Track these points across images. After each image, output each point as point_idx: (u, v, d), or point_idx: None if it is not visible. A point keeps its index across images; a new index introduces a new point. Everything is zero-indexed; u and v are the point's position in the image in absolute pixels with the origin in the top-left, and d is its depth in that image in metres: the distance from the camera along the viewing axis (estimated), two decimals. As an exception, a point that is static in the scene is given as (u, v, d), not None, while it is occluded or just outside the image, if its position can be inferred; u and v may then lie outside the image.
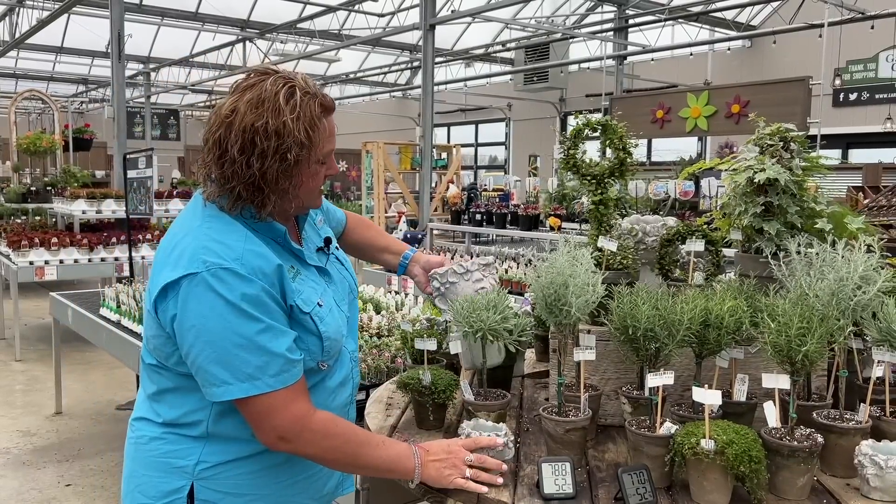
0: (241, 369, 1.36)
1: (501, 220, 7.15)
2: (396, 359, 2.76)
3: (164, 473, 1.48)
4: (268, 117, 1.36)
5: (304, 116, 1.40)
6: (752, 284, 1.77)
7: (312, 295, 1.49)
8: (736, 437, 1.40)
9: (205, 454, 1.47)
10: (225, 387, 1.37)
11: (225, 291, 1.35)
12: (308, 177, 1.45)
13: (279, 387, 1.38)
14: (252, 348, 1.36)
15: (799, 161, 1.83)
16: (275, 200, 1.42)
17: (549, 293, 1.61)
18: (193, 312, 1.36)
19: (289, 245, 1.50)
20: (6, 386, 6.04)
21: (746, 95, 7.66)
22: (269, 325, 1.38)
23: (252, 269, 1.38)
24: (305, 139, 1.39)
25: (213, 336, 1.35)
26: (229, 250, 1.38)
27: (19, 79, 18.40)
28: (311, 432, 1.42)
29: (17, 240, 6.79)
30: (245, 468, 1.48)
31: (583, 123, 1.92)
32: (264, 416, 1.39)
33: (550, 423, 1.61)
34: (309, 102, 1.41)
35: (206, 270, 1.35)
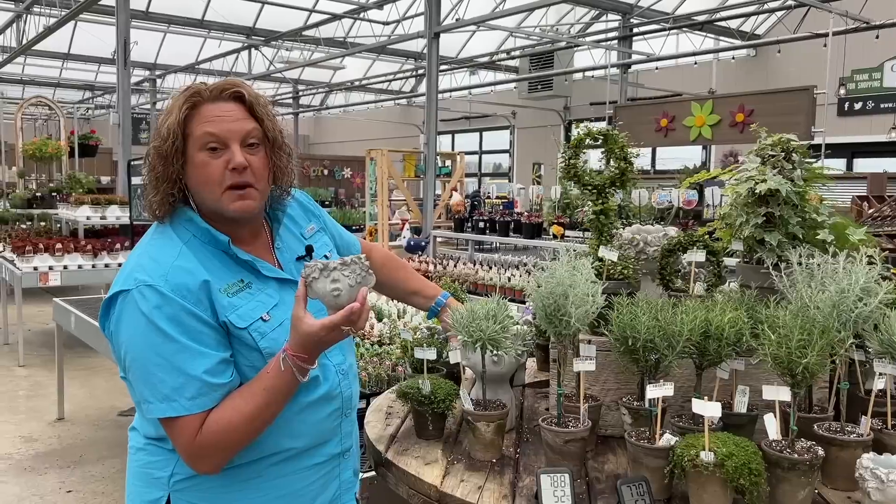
0: (159, 389, 1.35)
1: (504, 227, 7.14)
2: (397, 367, 2.75)
3: (145, 483, 1.49)
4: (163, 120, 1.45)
5: (175, 103, 1.44)
6: (753, 295, 1.76)
7: (257, 309, 1.43)
8: (736, 450, 1.39)
9: (178, 466, 1.46)
10: (147, 405, 1.37)
11: (146, 309, 1.34)
12: (195, 167, 1.42)
13: (196, 410, 1.35)
14: (169, 369, 1.34)
15: (801, 172, 1.83)
16: (170, 180, 1.42)
17: (548, 303, 1.61)
18: (123, 329, 1.38)
19: (237, 256, 1.45)
20: (9, 391, 6.04)
21: (751, 104, 7.66)
22: (187, 345, 1.35)
23: (174, 287, 1.36)
24: (173, 122, 1.41)
25: (136, 354, 1.36)
26: (158, 267, 1.38)
27: (26, 85, 18.53)
28: (204, 448, 1.37)
29: (21, 245, 6.81)
30: (216, 482, 1.45)
31: (584, 133, 1.92)
32: (175, 438, 1.38)
33: (550, 434, 1.60)
34: (180, 95, 1.45)
35: (136, 288, 1.36)
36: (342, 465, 1.63)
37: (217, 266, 1.43)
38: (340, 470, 1.62)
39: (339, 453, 1.60)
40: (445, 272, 5.51)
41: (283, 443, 1.48)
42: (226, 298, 1.40)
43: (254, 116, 1.46)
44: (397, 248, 9.36)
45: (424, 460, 1.73)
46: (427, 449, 1.81)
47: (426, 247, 8.31)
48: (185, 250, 1.42)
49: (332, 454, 1.58)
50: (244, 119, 1.45)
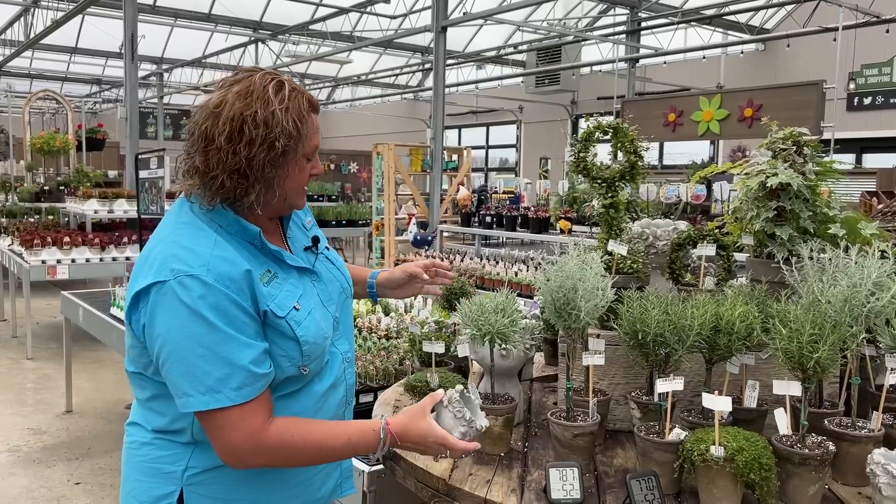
0: (202, 381, 1.32)
1: (511, 222, 7.13)
2: (405, 361, 2.75)
3: (154, 479, 1.46)
4: (256, 107, 1.35)
5: (293, 108, 1.39)
6: (764, 290, 1.75)
7: (288, 299, 1.44)
8: (746, 444, 1.39)
9: (192, 460, 1.44)
10: (186, 398, 1.34)
11: (189, 300, 1.31)
12: (295, 170, 1.43)
13: (240, 401, 1.33)
14: (214, 359, 1.32)
15: (812, 166, 1.81)
16: (259, 189, 1.39)
17: (558, 297, 1.60)
18: (160, 321, 1.34)
19: (265, 246, 1.45)
20: (18, 384, 6.08)
21: (759, 99, 7.61)
22: (233, 336, 1.33)
23: (218, 276, 1.34)
24: (294, 130, 1.38)
25: (176, 346, 1.33)
26: (196, 257, 1.35)
27: (34, 79, 18.55)
28: (265, 449, 1.37)
29: (29, 239, 6.83)
30: (233, 474, 1.45)
31: (594, 126, 1.91)
32: (218, 430, 1.35)
33: (559, 428, 1.60)
34: (297, 97, 1.41)
35: (174, 279, 1.32)
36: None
37: (248, 256, 1.41)
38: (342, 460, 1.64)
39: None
40: (452, 267, 5.51)
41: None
42: (264, 288, 1.39)
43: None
44: (404, 243, 9.36)
45: (432, 454, 1.73)
46: (435, 442, 1.80)
47: (433, 241, 8.30)
48: (219, 240, 1.39)
49: None
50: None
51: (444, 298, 2.35)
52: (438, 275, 1.87)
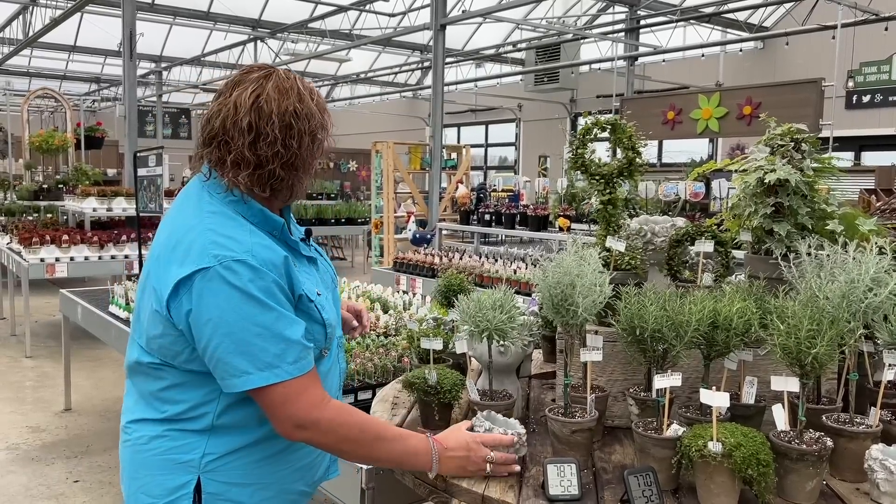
0: (260, 358, 1.37)
1: (510, 220, 7.13)
2: (403, 358, 2.75)
3: (168, 471, 1.47)
4: (295, 102, 1.45)
5: (320, 104, 1.51)
6: (762, 286, 1.75)
7: (312, 285, 1.52)
8: (744, 440, 1.39)
9: (210, 446, 1.47)
10: (245, 377, 1.38)
11: (239, 283, 1.36)
12: (307, 168, 1.51)
13: (297, 374, 1.40)
14: (269, 337, 1.38)
15: (810, 162, 1.81)
16: (307, 177, 1.50)
17: (555, 293, 1.60)
18: (210, 306, 1.37)
19: (286, 237, 1.52)
20: (17, 382, 6.07)
21: (758, 97, 7.61)
22: (284, 314, 1.41)
23: (263, 261, 1.40)
24: (325, 123, 1.50)
25: (230, 327, 1.37)
26: (238, 244, 1.40)
27: (32, 77, 18.54)
28: (327, 420, 1.43)
29: (28, 237, 6.83)
30: (250, 457, 1.49)
31: (592, 123, 1.91)
32: (281, 405, 1.40)
33: (556, 424, 1.60)
34: (319, 94, 1.53)
35: (219, 264, 1.37)
36: None
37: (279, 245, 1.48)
38: None
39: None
40: (451, 264, 5.51)
41: None
42: (296, 274, 1.47)
43: None
44: (403, 241, 9.36)
45: (430, 450, 1.73)
46: (433, 439, 1.80)
47: (432, 239, 8.30)
48: (254, 230, 1.45)
49: None
50: None
51: (442, 295, 2.35)
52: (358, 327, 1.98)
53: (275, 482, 1.53)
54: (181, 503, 1.46)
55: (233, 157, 1.44)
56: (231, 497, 1.48)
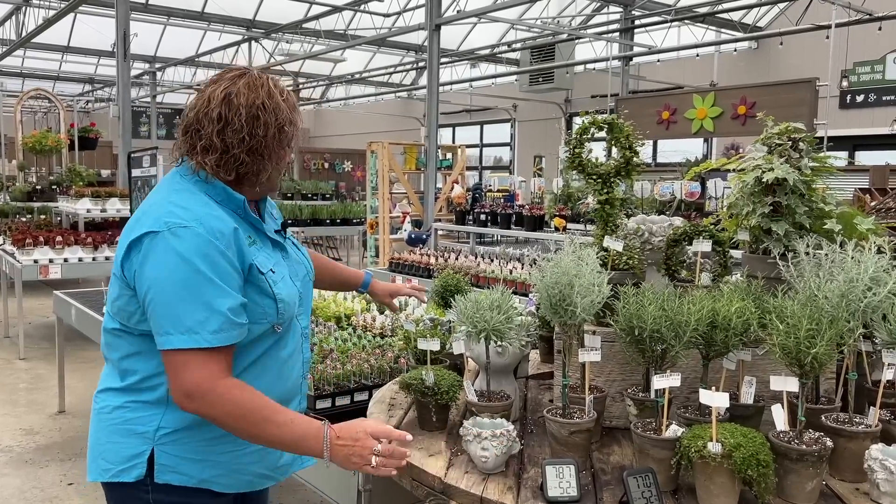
0: (182, 321, 1.44)
1: (506, 220, 7.12)
2: (399, 359, 2.73)
3: (126, 439, 1.57)
4: (263, 97, 1.57)
5: (290, 101, 1.63)
6: (760, 285, 1.74)
7: (266, 262, 1.60)
8: (744, 441, 1.38)
9: (164, 420, 1.55)
10: (166, 336, 1.45)
11: (181, 248, 1.46)
12: (284, 154, 1.64)
13: (215, 344, 1.46)
14: (196, 302, 1.45)
15: (808, 161, 1.81)
16: (270, 168, 1.60)
17: (553, 293, 1.59)
18: (151, 266, 1.47)
19: (248, 215, 1.61)
20: (10, 384, 6.04)
21: (753, 97, 7.61)
22: (217, 283, 1.47)
23: (209, 230, 1.49)
24: (293, 118, 1.62)
25: (163, 288, 1.46)
26: (189, 213, 1.50)
27: (25, 78, 18.43)
28: (216, 395, 1.46)
29: (21, 238, 6.79)
30: (202, 435, 1.56)
31: (589, 122, 1.90)
32: (180, 369, 1.45)
33: (555, 425, 1.59)
34: (290, 93, 1.66)
35: (167, 229, 1.47)
36: None
37: (237, 220, 1.57)
38: None
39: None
40: (447, 265, 5.50)
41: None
42: (248, 248, 1.56)
43: None
44: (398, 241, 9.34)
45: (428, 452, 1.72)
46: (430, 440, 1.79)
47: (427, 239, 8.28)
48: (210, 202, 1.55)
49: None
50: None
51: (438, 295, 2.34)
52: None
53: (226, 461, 1.60)
54: (135, 471, 1.55)
55: (202, 144, 1.55)
56: (182, 470, 1.56)
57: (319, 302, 3.67)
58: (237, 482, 1.64)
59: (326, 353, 2.75)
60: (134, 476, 1.56)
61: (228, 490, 1.63)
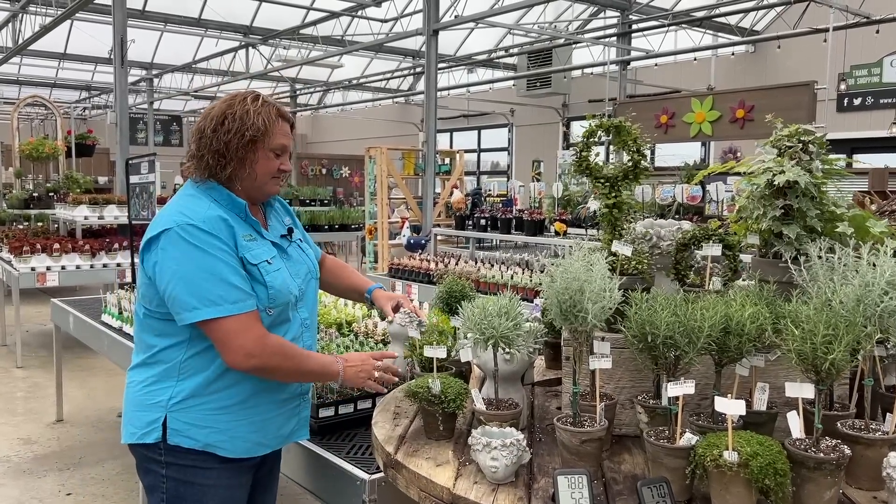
0: (205, 297, 1.76)
1: (506, 225, 7.10)
2: (403, 366, 2.70)
3: (146, 408, 1.88)
4: (236, 108, 1.87)
5: (263, 112, 1.88)
6: (773, 290, 1.71)
7: (263, 254, 1.89)
8: (760, 449, 1.35)
9: (175, 391, 1.85)
10: (195, 311, 1.76)
11: (192, 239, 1.78)
12: (263, 159, 1.90)
13: (237, 312, 1.78)
14: (215, 280, 1.77)
15: (818, 163, 1.78)
16: (233, 166, 1.86)
17: (563, 299, 1.56)
18: (169, 256, 1.79)
19: (249, 218, 1.92)
20: (7, 393, 5.99)
21: (751, 100, 7.61)
22: (226, 261, 1.79)
23: (212, 226, 1.81)
24: (262, 126, 1.86)
25: (184, 272, 1.77)
26: (195, 213, 1.82)
27: (22, 85, 18.42)
28: (270, 348, 1.81)
29: (19, 246, 6.75)
30: (207, 405, 1.85)
31: (595, 125, 1.87)
32: (231, 337, 1.77)
33: (566, 434, 1.55)
34: (268, 106, 1.90)
35: (177, 226, 1.79)
36: (301, 405, 2.08)
37: (235, 219, 1.88)
38: (301, 409, 2.08)
39: (300, 394, 2.06)
40: (447, 270, 5.46)
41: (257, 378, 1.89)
42: (243, 241, 1.86)
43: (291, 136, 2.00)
44: (397, 247, 9.30)
45: (436, 461, 1.68)
46: (438, 450, 1.76)
47: (426, 245, 8.25)
48: (213, 205, 1.87)
49: (294, 394, 2.03)
50: (291, 138, 2.00)
51: (443, 301, 2.31)
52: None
53: (228, 429, 1.88)
54: (153, 434, 1.86)
55: (189, 153, 1.93)
56: (189, 434, 1.85)
57: (320, 308, 3.63)
58: (237, 447, 1.90)
59: (329, 360, 2.72)
60: (152, 438, 1.86)
61: (230, 454, 1.89)
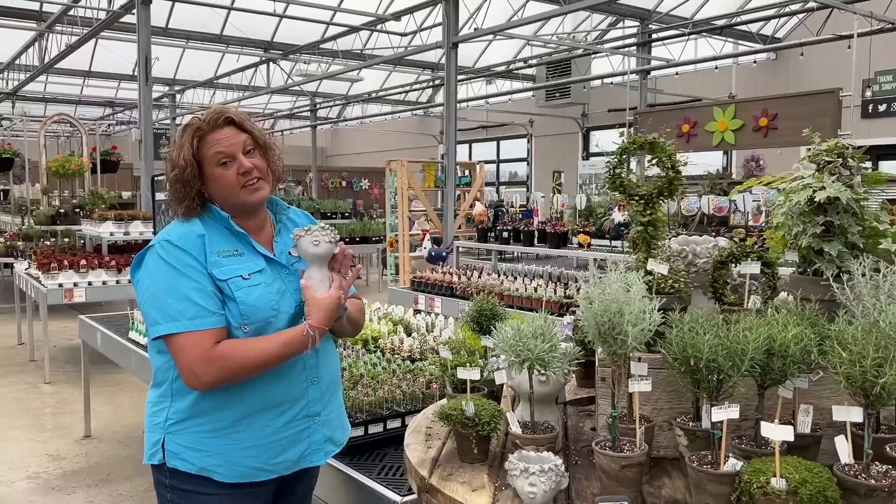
0: (166, 312, 1.77)
1: (529, 237, 7.06)
2: (432, 384, 2.68)
3: (151, 429, 1.90)
4: (171, 152, 1.91)
5: (183, 142, 1.87)
6: (815, 309, 1.67)
7: (239, 270, 1.85)
8: (809, 476, 1.31)
9: (170, 412, 1.86)
10: (156, 326, 1.78)
11: (165, 256, 1.81)
12: (214, 177, 1.87)
13: (193, 329, 1.76)
14: (177, 296, 1.78)
15: (859, 178, 1.74)
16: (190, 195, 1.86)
17: (602, 321, 1.53)
18: (146, 272, 1.85)
19: (234, 229, 1.89)
20: (36, 409, 6.04)
21: (774, 108, 7.51)
22: (190, 278, 1.79)
23: (184, 241, 1.83)
24: (184, 160, 1.85)
25: (152, 286, 1.81)
26: (175, 231, 1.87)
27: (48, 103, 18.71)
28: (214, 361, 1.75)
29: (46, 262, 6.82)
30: (200, 428, 1.83)
31: (629, 141, 1.85)
32: (180, 355, 1.77)
33: (605, 459, 1.52)
34: (187, 131, 1.88)
35: (158, 244, 1.85)
36: (312, 428, 1.95)
37: (217, 234, 1.88)
38: (311, 432, 1.95)
39: (307, 416, 1.94)
40: (470, 283, 5.44)
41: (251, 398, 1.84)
42: (215, 257, 1.84)
43: (244, 131, 1.90)
44: (418, 259, 9.30)
45: (471, 486, 1.66)
46: (472, 473, 1.73)
47: (447, 257, 8.23)
48: (196, 222, 1.88)
49: (299, 416, 1.92)
50: (238, 134, 1.89)
51: (473, 321, 2.29)
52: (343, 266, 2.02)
53: (222, 453, 1.83)
54: (157, 456, 1.87)
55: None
56: (185, 458, 1.84)
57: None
58: (234, 472, 1.85)
59: (357, 378, 2.70)
60: (157, 460, 1.87)
61: (226, 479, 1.84)
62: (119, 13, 8.93)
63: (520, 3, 13.33)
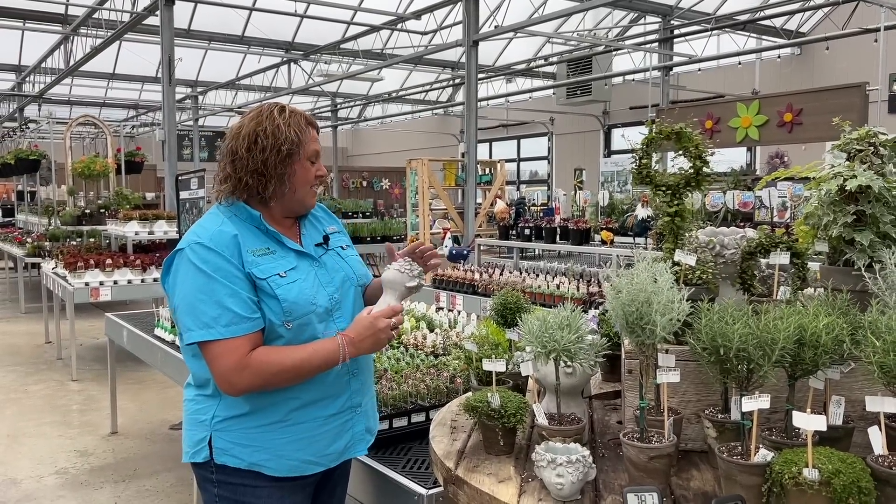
0: (200, 318, 1.73)
1: (551, 234, 7.03)
2: (456, 378, 2.68)
3: (195, 427, 1.88)
4: (266, 124, 1.82)
5: (293, 123, 1.84)
6: (847, 299, 1.64)
7: (276, 268, 1.82)
8: (843, 467, 1.29)
9: (218, 410, 1.84)
10: (189, 332, 1.75)
11: (196, 260, 1.76)
12: (301, 170, 1.86)
13: (228, 336, 1.73)
14: (210, 302, 1.73)
15: (891, 167, 1.71)
16: (274, 184, 1.83)
17: (630, 311, 1.52)
18: (177, 277, 1.80)
19: (265, 227, 1.87)
20: (63, 406, 6.14)
21: (799, 104, 7.43)
22: (224, 284, 1.75)
23: (217, 243, 1.78)
24: (295, 137, 1.82)
25: (185, 293, 1.77)
26: (206, 231, 1.81)
27: (73, 105, 19.00)
28: (248, 369, 1.73)
29: (73, 261, 6.93)
30: (248, 423, 1.82)
31: (656, 132, 1.83)
32: (215, 362, 1.74)
33: (633, 450, 1.51)
34: (295, 116, 1.87)
35: (188, 247, 1.79)
36: (354, 419, 1.97)
37: (248, 234, 1.85)
38: (353, 423, 1.97)
39: (350, 408, 1.95)
40: (492, 280, 5.43)
41: (298, 392, 1.83)
42: (251, 257, 1.81)
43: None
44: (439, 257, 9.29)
45: (497, 477, 1.65)
46: (498, 465, 1.73)
47: (468, 255, 8.23)
48: (226, 221, 1.84)
49: (344, 408, 1.93)
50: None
51: (498, 314, 2.28)
52: (424, 257, 2.03)
53: (271, 448, 1.83)
54: (202, 453, 1.85)
55: (221, 176, 1.88)
56: (234, 453, 1.83)
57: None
58: (283, 466, 1.85)
59: (381, 373, 2.71)
60: (202, 458, 1.85)
61: (276, 473, 1.84)
62: (143, 14, 9.04)
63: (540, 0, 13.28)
